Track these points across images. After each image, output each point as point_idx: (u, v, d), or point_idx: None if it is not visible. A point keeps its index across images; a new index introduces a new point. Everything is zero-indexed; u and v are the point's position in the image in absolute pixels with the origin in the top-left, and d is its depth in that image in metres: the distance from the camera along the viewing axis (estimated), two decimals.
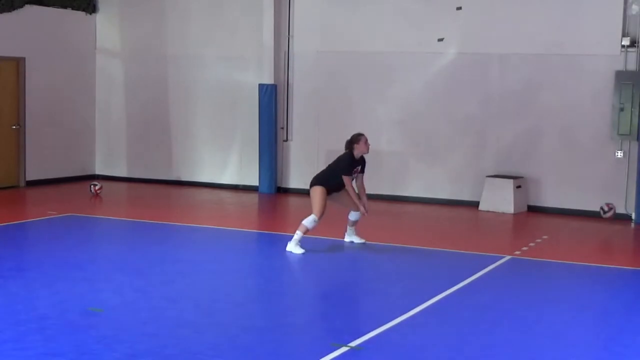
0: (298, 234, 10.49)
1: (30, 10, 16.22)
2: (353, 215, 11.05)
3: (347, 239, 11.26)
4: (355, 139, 10.71)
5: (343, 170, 10.63)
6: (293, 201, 15.51)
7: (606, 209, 13.93)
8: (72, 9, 17.25)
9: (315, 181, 10.73)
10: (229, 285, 8.97)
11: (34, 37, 16.35)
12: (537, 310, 8.13)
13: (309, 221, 10.47)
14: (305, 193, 16.05)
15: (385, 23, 15.49)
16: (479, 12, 14.85)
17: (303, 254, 10.36)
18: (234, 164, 16.91)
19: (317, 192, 10.59)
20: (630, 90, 13.78)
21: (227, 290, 8.66)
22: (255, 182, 16.46)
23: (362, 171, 10.90)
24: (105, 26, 17.79)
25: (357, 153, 10.71)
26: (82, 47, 17.57)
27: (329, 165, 10.99)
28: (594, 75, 14.16)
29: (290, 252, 10.45)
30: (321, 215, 10.50)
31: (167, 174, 17.39)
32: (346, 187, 10.64)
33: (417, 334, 7.25)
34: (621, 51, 13.95)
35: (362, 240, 11.19)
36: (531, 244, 11.60)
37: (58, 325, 7.06)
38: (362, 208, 10.73)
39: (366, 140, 10.72)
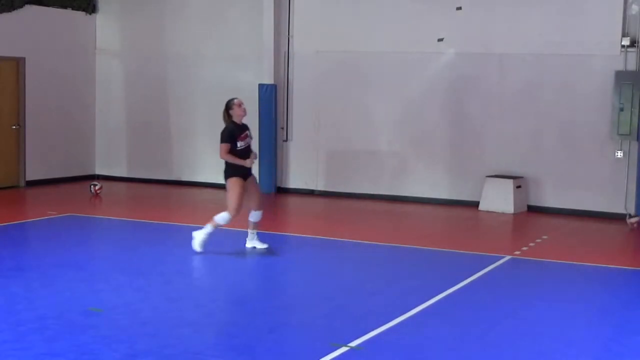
0: (208, 228, 10.14)
1: (30, 10, 16.22)
2: (253, 216, 10.47)
3: (248, 244, 10.57)
4: (229, 106, 10.18)
5: (224, 139, 10.01)
6: (293, 201, 15.51)
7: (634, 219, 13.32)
8: (72, 9, 17.26)
9: (225, 173, 10.19)
10: (229, 285, 8.96)
11: (34, 37, 16.35)
12: (537, 310, 8.14)
13: (220, 217, 10.11)
14: (305, 193, 16.13)
15: (385, 23, 15.49)
16: (479, 12, 14.85)
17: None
18: None
19: (230, 185, 10.09)
20: (630, 90, 13.78)
21: (227, 290, 8.66)
22: None
23: (250, 135, 10.36)
24: (105, 26, 17.79)
25: (236, 119, 10.19)
26: (82, 47, 17.58)
27: None
28: (593, 75, 14.17)
29: (193, 239, 10.18)
30: (236, 213, 10.06)
31: (167, 174, 17.39)
32: (221, 155, 10.04)
33: (417, 334, 7.25)
34: (621, 51, 13.95)
35: (265, 246, 10.54)
36: (531, 244, 11.60)
37: (58, 325, 7.06)
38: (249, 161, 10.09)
39: (240, 103, 10.21)
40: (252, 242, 10.62)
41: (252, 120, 16.29)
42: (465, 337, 7.15)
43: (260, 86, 16.21)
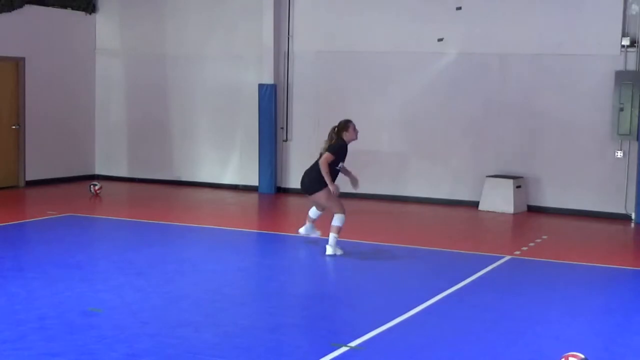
0: (334, 237, 10.36)
1: (30, 10, 16.22)
2: (314, 213, 10.86)
3: (302, 232, 10.97)
4: (344, 127, 10.38)
5: (342, 157, 10.38)
6: (293, 201, 15.50)
7: None
8: (72, 9, 17.25)
9: (315, 186, 10.36)
10: (229, 285, 8.96)
11: (34, 37, 16.35)
12: (537, 310, 8.14)
13: (340, 220, 10.36)
14: None
15: (385, 23, 15.49)
16: (479, 12, 14.85)
17: (342, 254, 10.38)
18: (234, 164, 16.92)
19: (326, 196, 10.30)
20: (630, 90, 13.78)
21: (227, 290, 8.66)
22: (255, 182, 16.47)
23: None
24: (105, 26, 17.79)
25: (347, 140, 10.43)
26: (82, 47, 17.57)
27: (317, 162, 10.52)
28: (594, 75, 14.17)
29: (333, 255, 10.33)
30: (344, 209, 10.40)
31: (167, 174, 17.39)
32: (321, 164, 10.20)
33: (417, 334, 7.25)
34: (621, 51, 13.95)
35: (318, 233, 10.99)
36: (531, 244, 11.60)
37: (58, 325, 7.06)
38: (355, 182, 10.61)
39: (354, 126, 10.46)
40: (307, 230, 10.94)
41: (252, 120, 16.42)
42: (465, 337, 7.15)
43: (260, 86, 16.21)
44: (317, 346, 6.74)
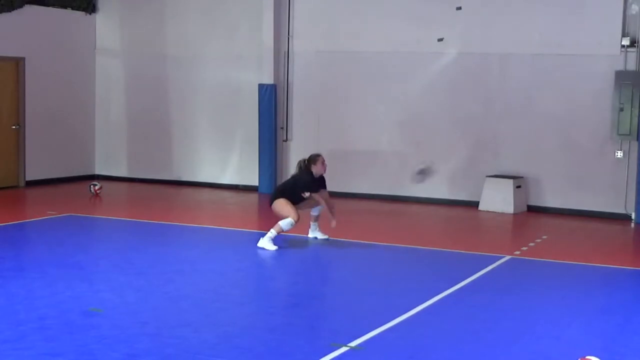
0: (272, 233, 10.63)
1: (30, 10, 16.22)
2: (315, 210, 11.23)
3: (310, 234, 11.44)
4: (313, 160, 10.93)
5: (305, 189, 10.85)
6: None
7: None
8: (72, 9, 17.26)
9: (276, 195, 10.94)
10: (229, 285, 8.97)
11: (34, 37, 16.35)
12: (537, 310, 8.14)
13: (285, 223, 10.63)
14: None
15: (385, 23, 15.49)
16: (479, 12, 14.85)
17: (276, 250, 10.56)
18: (234, 164, 16.92)
19: (282, 203, 10.76)
20: (630, 90, 13.78)
21: (227, 290, 8.66)
22: (255, 182, 16.46)
23: (324, 187, 11.15)
24: (105, 26, 17.79)
25: (315, 173, 10.95)
26: (82, 47, 17.58)
27: (287, 182, 11.26)
28: (594, 75, 14.17)
29: (263, 248, 10.60)
30: (298, 218, 10.65)
31: (167, 174, 17.39)
32: (317, 201, 10.88)
33: (417, 334, 7.25)
34: (621, 51, 13.95)
35: (326, 236, 11.36)
36: (531, 244, 11.60)
37: (58, 325, 7.06)
38: (333, 222, 10.89)
39: (323, 160, 10.97)
40: (314, 233, 11.40)
41: (252, 120, 16.42)
42: (465, 337, 7.15)
43: (260, 86, 16.21)
44: (317, 346, 6.73)
